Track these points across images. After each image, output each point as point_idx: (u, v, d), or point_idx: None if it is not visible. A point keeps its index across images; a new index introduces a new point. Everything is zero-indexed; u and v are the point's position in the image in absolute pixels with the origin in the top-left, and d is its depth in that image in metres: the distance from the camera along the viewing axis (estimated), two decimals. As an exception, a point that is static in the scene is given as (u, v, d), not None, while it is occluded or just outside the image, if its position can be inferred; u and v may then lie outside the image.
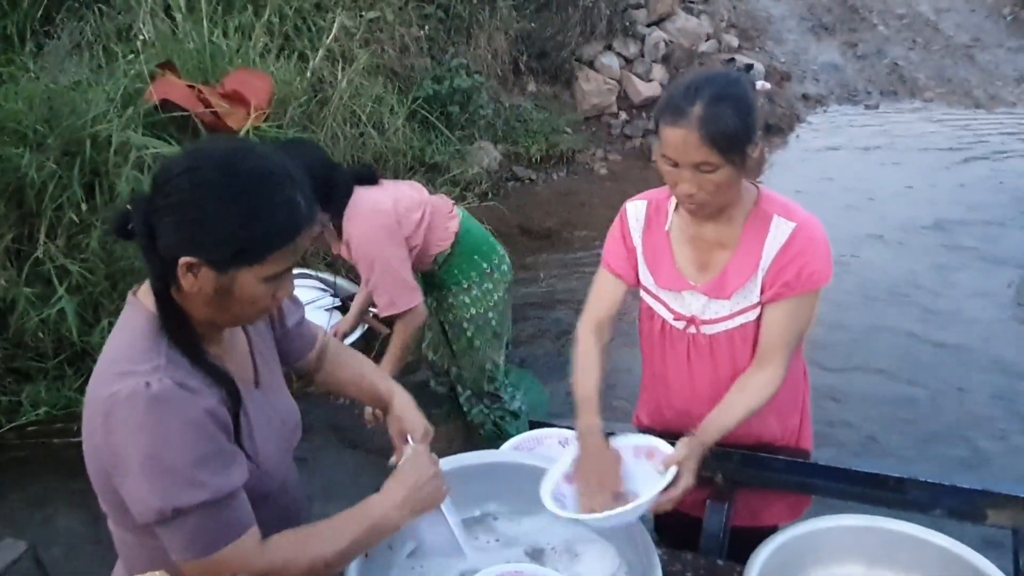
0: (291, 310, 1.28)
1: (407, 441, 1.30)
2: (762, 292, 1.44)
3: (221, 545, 0.99)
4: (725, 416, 1.44)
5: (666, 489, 1.31)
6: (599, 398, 1.50)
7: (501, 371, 2.64)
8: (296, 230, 0.99)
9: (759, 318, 1.47)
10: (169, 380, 0.95)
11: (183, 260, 0.96)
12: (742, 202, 1.44)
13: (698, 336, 1.52)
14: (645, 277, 1.56)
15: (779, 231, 1.42)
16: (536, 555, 1.42)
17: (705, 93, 1.28)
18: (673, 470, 1.31)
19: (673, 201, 1.52)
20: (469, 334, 2.53)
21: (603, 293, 1.61)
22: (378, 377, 1.39)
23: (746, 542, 1.36)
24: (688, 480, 1.34)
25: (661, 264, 1.52)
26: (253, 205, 0.96)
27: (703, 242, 1.48)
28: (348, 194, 2.17)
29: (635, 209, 1.57)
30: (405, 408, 1.34)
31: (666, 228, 1.52)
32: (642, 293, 1.59)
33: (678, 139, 1.30)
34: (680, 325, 1.53)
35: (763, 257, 1.43)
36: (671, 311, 1.53)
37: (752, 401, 1.45)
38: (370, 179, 2.26)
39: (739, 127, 1.28)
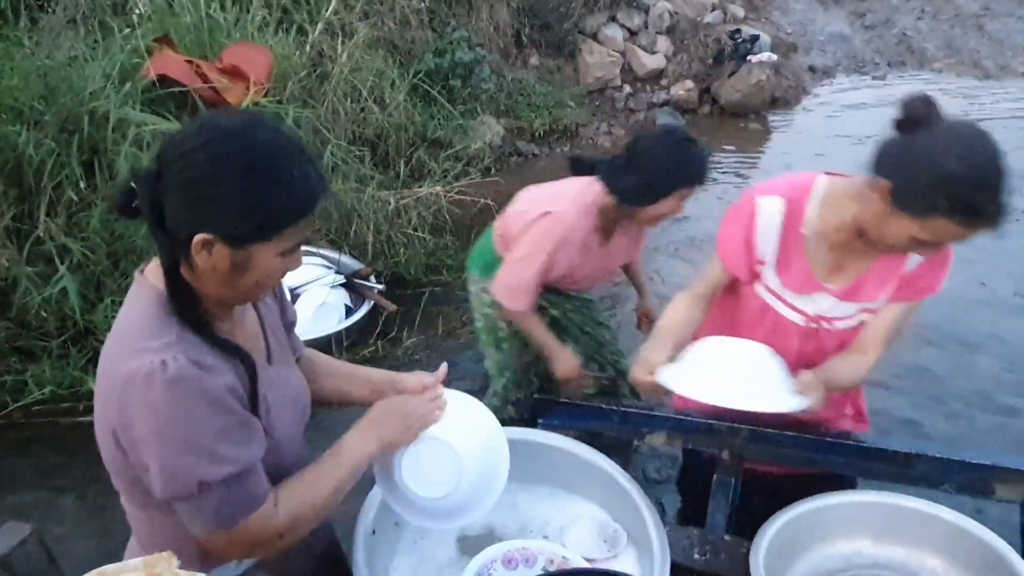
0: (288, 307, 1.26)
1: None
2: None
3: (242, 517, 1.01)
4: (837, 373, 1.49)
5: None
6: (678, 335, 1.56)
7: None
8: (312, 202, 0.98)
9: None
10: (184, 358, 0.95)
11: (198, 238, 0.94)
12: None
13: (819, 331, 1.54)
14: (770, 278, 1.52)
15: None
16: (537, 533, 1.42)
17: None
18: (807, 399, 1.39)
19: (813, 200, 1.45)
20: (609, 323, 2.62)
21: (710, 279, 1.61)
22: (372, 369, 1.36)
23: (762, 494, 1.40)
24: (817, 402, 1.40)
25: (791, 265, 1.49)
26: (270, 178, 0.94)
27: (847, 249, 1.44)
28: None
29: (770, 209, 1.46)
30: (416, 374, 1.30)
31: (802, 230, 1.46)
32: (757, 287, 1.54)
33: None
34: (800, 320, 1.54)
35: (905, 267, 1.45)
36: (797, 311, 1.53)
37: (850, 374, 1.51)
38: None
39: None
